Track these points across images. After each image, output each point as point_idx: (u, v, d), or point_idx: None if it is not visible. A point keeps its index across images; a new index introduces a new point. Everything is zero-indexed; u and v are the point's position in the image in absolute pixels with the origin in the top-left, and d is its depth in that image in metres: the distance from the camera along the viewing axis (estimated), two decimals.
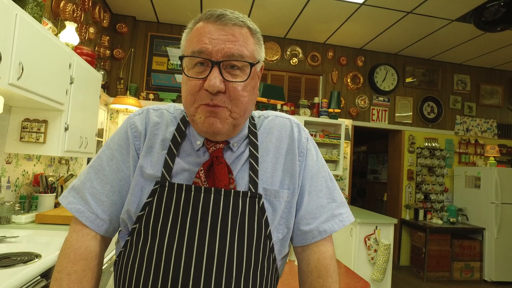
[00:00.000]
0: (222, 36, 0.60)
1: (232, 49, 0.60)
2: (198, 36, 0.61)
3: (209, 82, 0.59)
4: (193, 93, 0.62)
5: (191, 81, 0.62)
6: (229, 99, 0.61)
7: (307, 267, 0.70)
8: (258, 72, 0.69)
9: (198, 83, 0.61)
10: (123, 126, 0.72)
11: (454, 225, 4.34)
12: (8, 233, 1.69)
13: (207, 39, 0.60)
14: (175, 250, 0.58)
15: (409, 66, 4.86)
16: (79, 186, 0.69)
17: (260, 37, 0.68)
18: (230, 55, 0.60)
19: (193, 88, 0.62)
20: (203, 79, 0.60)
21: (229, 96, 0.61)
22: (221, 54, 0.60)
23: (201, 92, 0.61)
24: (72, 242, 0.66)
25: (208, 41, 0.60)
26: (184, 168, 0.65)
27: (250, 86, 0.64)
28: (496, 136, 5.00)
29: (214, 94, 0.60)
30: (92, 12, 3.31)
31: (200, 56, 0.60)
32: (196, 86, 0.61)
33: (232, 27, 0.61)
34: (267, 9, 3.71)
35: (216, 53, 0.60)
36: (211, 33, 0.61)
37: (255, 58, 0.64)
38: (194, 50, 0.61)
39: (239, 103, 0.62)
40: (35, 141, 2.01)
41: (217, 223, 0.60)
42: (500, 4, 3.11)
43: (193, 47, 0.62)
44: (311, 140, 0.76)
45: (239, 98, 0.62)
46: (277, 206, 0.67)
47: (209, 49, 0.60)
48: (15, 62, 1.48)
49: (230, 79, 0.61)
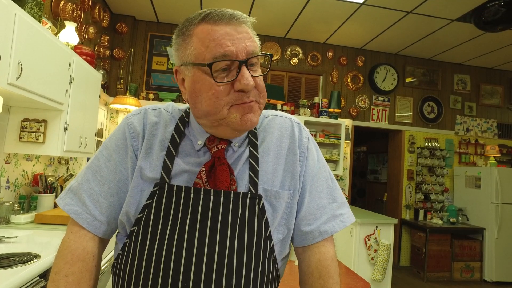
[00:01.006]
0: (239, 35, 0.61)
1: (251, 46, 0.62)
2: (216, 40, 0.59)
3: (243, 81, 0.59)
4: (223, 96, 0.61)
5: (219, 86, 0.60)
6: (257, 93, 0.64)
7: (307, 268, 0.70)
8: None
9: (227, 87, 0.60)
10: (120, 126, 0.71)
11: (454, 225, 4.34)
12: (7, 233, 1.68)
13: (228, 41, 0.60)
14: (174, 253, 0.57)
15: (409, 66, 4.85)
16: (77, 188, 0.68)
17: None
18: (251, 52, 0.61)
19: (223, 93, 0.60)
20: (231, 81, 0.60)
21: (257, 90, 0.63)
22: (245, 53, 0.60)
23: (231, 94, 0.61)
24: (69, 243, 0.65)
25: (230, 42, 0.60)
26: (184, 169, 0.64)
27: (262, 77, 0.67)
28: (496, 136, 5.00)
29: (248, 92, 0.61)
30: (91, 12, 3.31)
31: (225, 59, 0.59)
32: (225, 90, 0.60)
33: (241, 25, 0.62)
34: (267, 9, 3.71)
35: (240, 53, 0.60)
36: (229, 34, 0.60)
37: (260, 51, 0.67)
38: (217, 55, 0.59)
39: (264, 95, 0.65)
40: (35, 141, 2.01)
41: (216, 225, 0.59)
42: (500, 4, 3.10)
43: (215, 52, 0.59)
44: (312, 139, 0.76)
45: (263, 91, 0.65)
46: (277, 207, 0.66)
47: (233, 50, 0.59)
48: (14, 61, 1.48)
49: (254, 75, 0.63)
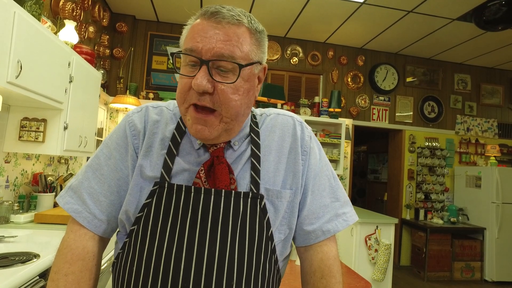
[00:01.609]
0: (215, 34, 0.58)
1: (222, 49, 0.57)
2: (192, 34, 0.60)
3: (195, 81, 0.57)
4: (184, 91, 0.61)
5: (182, 79, 0.61)
6: (217, 101, 0.59)
7: (310, 267, 0.69)
8: (257, 74, 0.65)
9: (188, 82, 0.60)
10: (121, 124, 0.70)
11: (454, 225, 4.33)
12: (7, 232, 1.68)
13: (199, 37, 0.58)
14: (175, 253, 0.57)
15: (409, 66, 4.85)
16: (77, 186, 0.68)
17: (261, 38, 0.64)
18: (220, 55, 0.57)
19: (184, 86, 0.60)
20: (192, 77, 0.59)
21: (217, 98, 0.59)
22: (211, 54, 0.57)
23: (191, 91, 0.60)
24: (69, 242, 0.64)
25: (200, 39, 0.58)
26: (184, 168, 0.64)
27: (243, 89, 0.61)
28: (497, 136, 4.99)
29: (201, 94, 0.58)
30: (91, 11, 3.30)
31: (191, 54, 0.59)
32: (186, 84, 0.60)
33: (225, 25, 0.58)
34: (267, 8, 3.70)
35: (206, 52, 0.57)
36: (204, 30, 0.59)
37: (249, 59, 0.60)
38: (186, 47, 0.60)
39: (228, 107, 0.59)
40: (34, 140, 2.00)
41: (217, 225, 0.59)
42: (501, 3, 3.10)
43: (186, 44, 0.60)
44: (314, 138, 0.75)
45: (228, 102, 0.59)
46: (279, 206, 0.65)
47: (199, 47, 0.58)
48: (13, 60, 1.47)
49: (218, 80, 0.58)
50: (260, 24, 0.64)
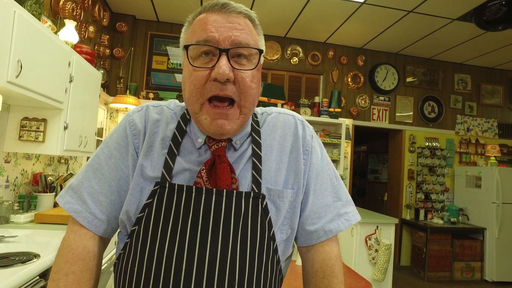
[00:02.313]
0: (228, 24, 0.59)
1: (239, 37, 0.58)
2: (203, 26, 0.60)
3: (218, 69, 0.57)
4: (200, 86, 0.59)
5: (197, 72, 0.59)
6: (238, 90, 0.59)
7: (311, 267, 0.68)
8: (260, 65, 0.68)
9: (204, 74, 0.59)
10: (121, 123, 0.70)
11: (454, 225, 4.33)
12: (7, 232, 1.67)
13: (213, 28, 0.59)
14: (176, 254, 0.56)
15: (409, 66, 4.85)
16: (77, 186, 0.67)
17: (261, 31, 0.68)
18: (238, 42, 0.58)
19: (200, 80, 0.59)
20: (210, 68, 0.58)
21: (238, 87, 0.59)
22: (229, 42, 0.58)
23: (208, 84, 0.59)
24: (69, 242, 0.64)
25: (214, 29, 0.58)
26: (185, 168, 0.63)
27: (257, 78, 0.63)
28: (497, 136, 4.99)
29: (223, 84, 0.58)
30: (91, 10, 3.30)
31: (207, 44, 0.58)
32: (203, 77, 0.59)
33: (237, 15, 0.60)
34: (267, 8, 3.70)
35: (223, 41, 0.58)
36: (216, 21, 0.59)
37: (261, 48, 0.64)
38: (199, 39, 0.59)
39: (248, 95, 0.60)
40: (34, 140, 2.00)
41: (219, 225, 0.58)
42: (501, 3, 3.10)
43: (198, 36, 0.60)
44: (316, 137, 0.74)
45: (248, 90, 0.60)
46: (280, 206, 0.65)
47: (215, 37, 0.58)
48: (13, 60, 1.47)
49: (237, 68, 0.59)
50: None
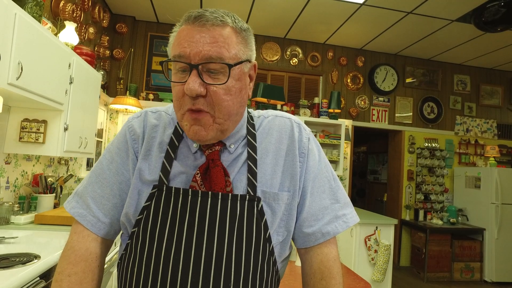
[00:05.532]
0: (201, 38, 0.59)
1: (209, 51, 0.58)
2: (178, 40, 0.61)
3: (187, 86, 0.58)
4: (178, 98, 0.61)
5: (175, 86, 0.61)
6: (210, 103, 0.60)
7: (310, 269, 0.69)
8: (247, 72, 0.65)
9: (181, 89, 0.60)
10: (122, 129, 0.73)
11: (454, 226, 4.33)
12: (7, 233, 1.68)
13: (186, 42, 0.59)
14: (173, 255, 0.58)
15: (409, 67, 4.86)
16: (82, 191, 0.70)
17: (247, 36, 0.64)
18: (208, 57, 0.58)
19: (178, 93, 0.61)
20: (184, 83, 0.59)
21: (210, 100, 0.60)
22: (199, 57, 0.58)
23: (185, 97, 0.60)
24: (72, 243, 0.66)
25: (187, 44, 0.59)
26: (181, 171, 0.65)
27: (235, 89, 0.61)
28: (496, 137, 5.00)
29: (194, 98, 0.59)
30: (91, 12, 3.30)
31: (180, 60, 0.59)
32: (180, 91, 0.61)
33: (210, 27, 0.59)
34: (267, 9, 3.71)
35: (194, 56, 0.58)
36: (190, 35, 0.59)
37: (238, 58, 0.61)
38: (174, 54, 0.60)
39: (221, 108, 0.60)
40: (35, 141, 2.00)
41: (214, 227, 0.60)
42: (500, 4, 3.11)
43: (174, 51, 0.61)
44: (313, 139, 0.75)
45: (221, 103, 0.60)
46: (276, 209, 0.65)
47: (187, 52, 0.58)
48: (14, 61, 1.47)
49: (210, 82, 0.59)
50: (244, 23, 0.65)
